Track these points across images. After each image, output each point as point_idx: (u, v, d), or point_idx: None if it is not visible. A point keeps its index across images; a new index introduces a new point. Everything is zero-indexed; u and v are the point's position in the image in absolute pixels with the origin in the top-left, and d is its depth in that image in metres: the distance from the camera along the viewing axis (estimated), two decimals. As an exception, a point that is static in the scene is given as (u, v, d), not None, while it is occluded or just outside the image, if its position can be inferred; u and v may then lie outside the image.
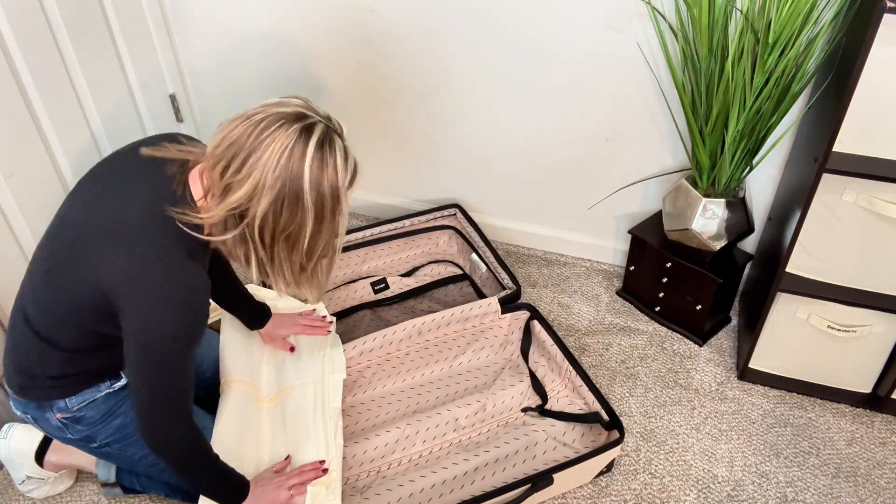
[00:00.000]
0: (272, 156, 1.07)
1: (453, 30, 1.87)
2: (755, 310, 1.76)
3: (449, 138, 2.09)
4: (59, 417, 1.30)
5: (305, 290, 1.22)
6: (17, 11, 1.60)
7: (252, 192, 1.08)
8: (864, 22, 1.31)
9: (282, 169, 1.07)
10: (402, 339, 1.76)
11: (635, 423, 1.71)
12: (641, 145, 1.90)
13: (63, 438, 1.35)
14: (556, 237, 2.18)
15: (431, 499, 1.51)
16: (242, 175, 1.08)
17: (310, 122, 1.10)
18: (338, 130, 1.14)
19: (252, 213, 1.10)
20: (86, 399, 1.30)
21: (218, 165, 1.10)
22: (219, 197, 1.11)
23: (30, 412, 1.31)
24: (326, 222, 1.14)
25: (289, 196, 1.09)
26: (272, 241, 1.14)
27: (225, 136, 1.10)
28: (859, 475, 1.60)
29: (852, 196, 1.48)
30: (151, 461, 1.38)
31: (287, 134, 1.08)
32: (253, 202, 1.09)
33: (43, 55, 1.70)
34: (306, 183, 1.09)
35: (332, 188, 1.11)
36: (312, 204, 1.10)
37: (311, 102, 1.15)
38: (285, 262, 1.17)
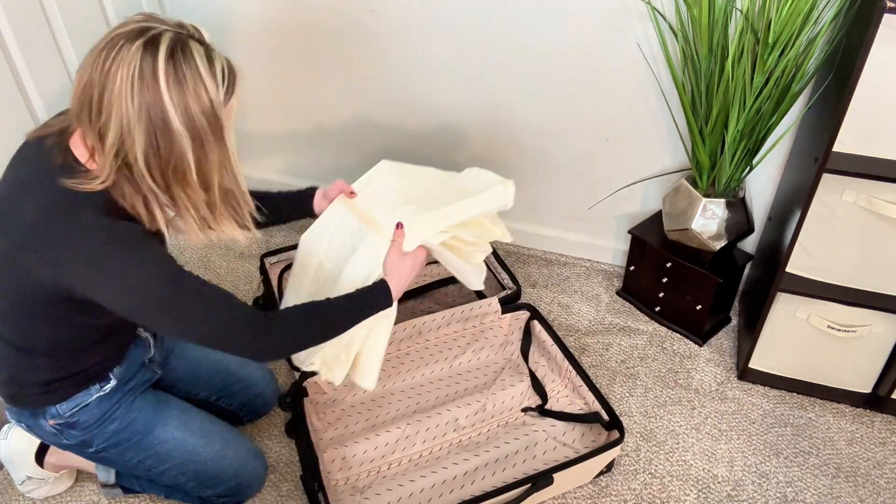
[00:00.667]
0: (122, 84, 0.94)
1: (453, 29, 1.87)
2: (755, 310, 1.76)
3: (449, 138, 2.09)
4: (53, 424, 1.29)
5: (224, 227, 1.10)
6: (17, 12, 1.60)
7: (120, 130, 0.96)
8: (864, 22, 1.31)
9: (138, 95, 0.94)
10: (402, 339, 1.76)
11: (635, 423, 1.71)
12: (641, 145, 1.90)
13: (60, 444, 1.34)
14: (556, 237, 2.18)
15: (431, 499, 1.51)
16: (105, 115, 0.96)
17: (153, 33, 0.97)
18: (193, 34, 1.01)
19: (132, 153, 0.98)
20: (78, 404, 1.28)
21: (82, 113, 0.99)
22: (99, 147, 0.99)
23: (24, 420, 1.30)
24: (210, 143, 1.01)
25: (157, 123, 0.96)
26: (164, 180, 1.01)
27: (80, 77, 0.98)
28: (859, 475, 1.60)
29: (852, 196, 1.48)
30: (149, 465, 1.38)
31: (130, 54, 0.95)
32: (127, 143, 0.97)
33: (43, 56, 1.70)
34: (168, 103, 0.95)
35: (200, 104, 0.98)
36: (184, 126, 0.97)
37: (157, 14, 1.01)
38: (187, 201, 1.05)
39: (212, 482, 1.42)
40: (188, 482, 1.41)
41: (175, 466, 1.38)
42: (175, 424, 1.38)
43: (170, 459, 1.37)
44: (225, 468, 1.42)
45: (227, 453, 1.42)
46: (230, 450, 1.43)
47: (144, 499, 1.53)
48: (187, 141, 0.99)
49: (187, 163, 1.00)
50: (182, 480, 1.40)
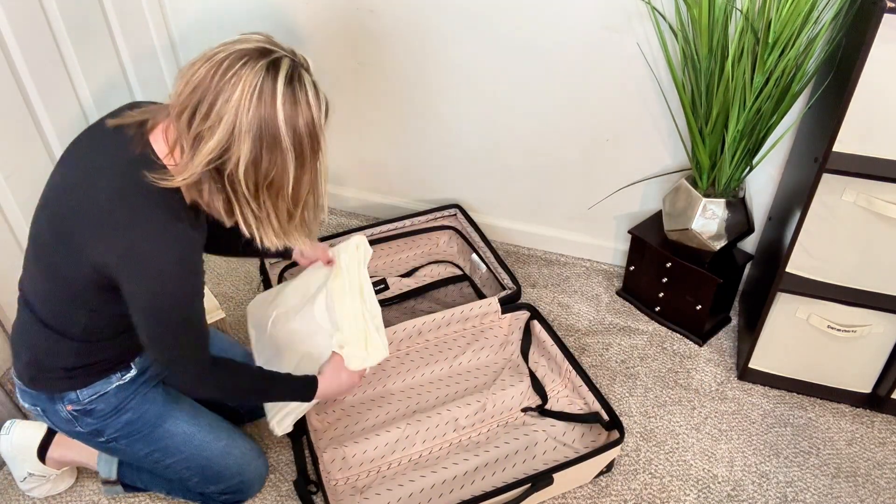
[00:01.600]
0: (242, 96, 1.01)
1: (453, 29, 1.87)
2: (755, 310, 1.76)
3: (449, 138, 2.09)
4: (70, 409, 1.30)
5: (295, 238, 1.17)
6: (18, 13, 1.60)
7: (227, 138, 1.02)
8: (864, 22, 1.31)
9: (254, 109, 1.01)
10: (402, 339, 1.76)
11: (635, 423, 1.71)
12: (641, 145, 1.90)
13: (72, 432, 1.35)
14: (556, 237, 2.18)
15: (431, 499, 1.51)
16: (212, 121, 1.02)
17: (275, 57, 1.04)
18: (304, 65, 1.09)
19: (232, 161, 1.04)
20: (97, 391, 1.30)
21: (184, 114, 1.04)
22: (190, 150, 1.05)
23: (40, 404, 1.31)
24: (308, 162, 1.09)
25: (266, 139, 1.03)
26: (256, 189, 1.07)
27: (188, 81, 1.03)
28: (859, 475, 1.60)
29: (852, 196, 1.48)
30: (156, 458, 1.39)
31: (254, 72, 1.01)
32: (231, 150, 1.03)
33: (42, 54, 1.70)
34: (281, 122, 1.03)
35: (308, 125, 1.06)
36: (291, 144, 1.05)
37: (273, 38, 1.08)
38: (272, 211, 1.11)
39: (215, 478, 1.43)
40: (193, 476, 1.42)
41: (182, 460, 1.39)
42: (184, 419, 1.39)
43: (177, 453, 1.38)
44: (229, 465, 1.43)
45: (232, 450, 1.44)
46: (235, 447, 1.45)
47: (145, 497, 1.53)
48: (291, 157, 1.06)
49: (287, 177, 1.07)
50: (187, 475, 1.41)
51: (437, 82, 1.98)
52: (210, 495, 1.46)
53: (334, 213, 2.34)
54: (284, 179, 1.07)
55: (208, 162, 1.04)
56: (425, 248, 2.16)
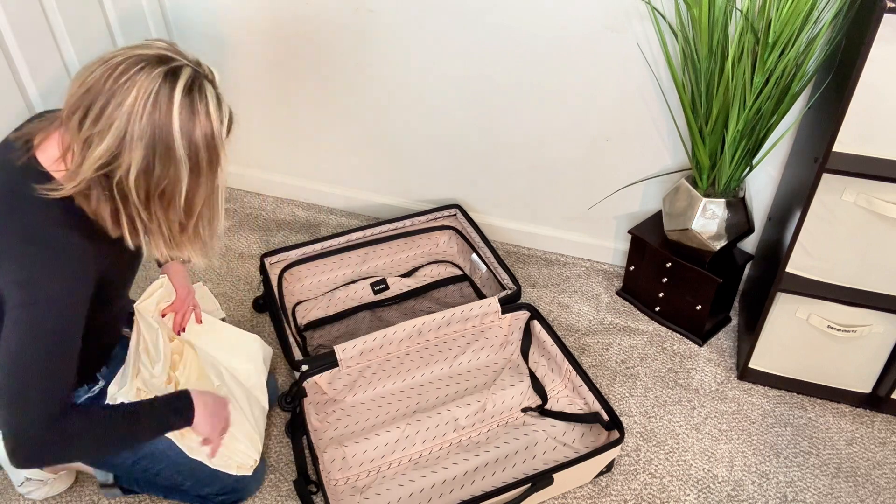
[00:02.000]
0: (136, 102, 0.97)
1: (452, 30, 1.87)
2: (755, 310, 1.76)
3: (449, 138, 2.09)
4: None
5: (187, 250, 1.13)
6: (17, 12, 1.60)
7: (118, 144, 0.98)
8: (864, 22, 1.31)
9: (148, 116, 0.98)
10: (402, 339, 1.76)
11: (635, 423, 1.71)
12: (641, 145, 1.90)
13: None
14: (556, 237, 2.18)
15: (431, 499, 1.51)
16: (102, 125, 0.98)
17: (175, 65, 1.01)
18: (208, 76, 1.05)
19: (123, 168, 1.00)
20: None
21: (74, 116, 1.00)
22: (80, 153, 1.00)
23: None
24: (204, 176, 1.05)
25: (159, 147, 0.99)
26: (146, 199, 1.04)
27: (82, 83, 1.00)
28: (859, 475, 1.60)
29: (852, 196, 1.48)
30: (144, 466, 1.37)
31: (150, 78, 0.98)
32: (121, 157, 0.99)
33: (42, 54, 1.70)
34: (176, 132, 0.99)
35: (206, 138, 1.02)
36: (186, 156, 1.01)
37: (177, 46, 1.05)
38: (163, 221, 1.07)
39: (209, 480, 1.41)
40: (185, 481, 1.40)
41: (170, 466, 1.37)
42: None
43: (164, 459, 1.36)
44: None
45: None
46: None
47: (144, 499, 1.53)
48: (185, 168, 1.02)
49: (179, 189, 1.04)
50: (179, 480, 1.40)
51: (438, 82, 1.98)
52: (208, 497, 1.46)
53: (334, 213, 2.34)
54: (177, 190, 1.04)
55: (97, 168, 1.00)
56: (425, 248, 2.16)
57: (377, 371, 1.74)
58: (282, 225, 2.27)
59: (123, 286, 1.30)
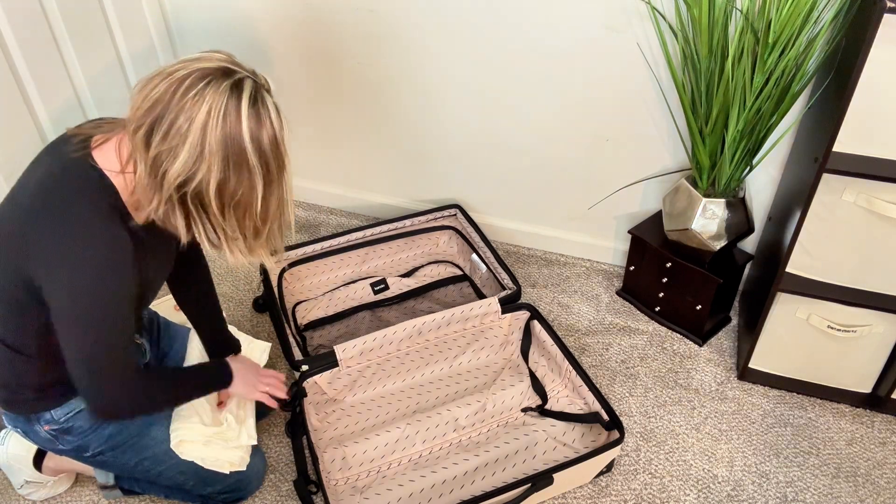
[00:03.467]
0: (209, 117, 1.00)
1: (452, 29, 1.87)
2: (755, 310, 1.76)
3: (449, 138, 2.09)
4: (48, 429, 1.29)
5: (260, 254, 1.16)
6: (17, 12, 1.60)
7: (195, 159, 1.01)
8: (864, 22, 1.31)
9: (220, 130, 1.00)
10: (402, 339, 1.76)
11: (635, 423, 1.71)
12: (641, 145, 1.90)
13: (55, 450, 1.34)
14: (556, 237, 2.18)
15: (431, 499, 1.51)
16: (173, 140, 1.00)
17: (238, 77, 1.03)
18: (266, 86, 1.08)
19: (199, 182, 1.03)
20: (72, 409, 1.28)
21: (140, 130, 1.02)
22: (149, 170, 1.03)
23: (19, 426, 1.30)
24: (275, 181, 1.09)
25: (233, 158, 1.02)
26: (223, 209, 1.07)
27: (146, 97, 1.01)
28: (859, 475, 1.60)
29: (852, 196, 1.48)
30: (147, 467, 1.37)
31: (218, 92, 1.00)
32: (198, 172, 1.02)
33: (42, 54, 1.70)
34: (247, 142, 1.02)
35: (272, 143, 1.06)
36: (258, 163, 1.04)
37: (234, 57, 1.07)
38: (238, 229, 1.10)
39: (211, 479, 1.42)
40: (188, 481, 1.41)
41: (172, 466, 1.38)
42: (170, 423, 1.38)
43: (167, 459, 1.37)
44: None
45: None
46: None
47: (144, 500, 1.53)
48: (259, 176, 1.05)
49: (255, 196, 1.07)
50: (181, 479, 1.40)
51: (438, 82, 1.98)
52: (210, 496, 1.46)
53: (334, 213, 2.34)
54: (252, 198, 1.07)
55: (178, 185, 1.03)
56: (425, 248, 2.16)
57: (377, 371, 1.74)
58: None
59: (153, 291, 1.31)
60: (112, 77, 1.94)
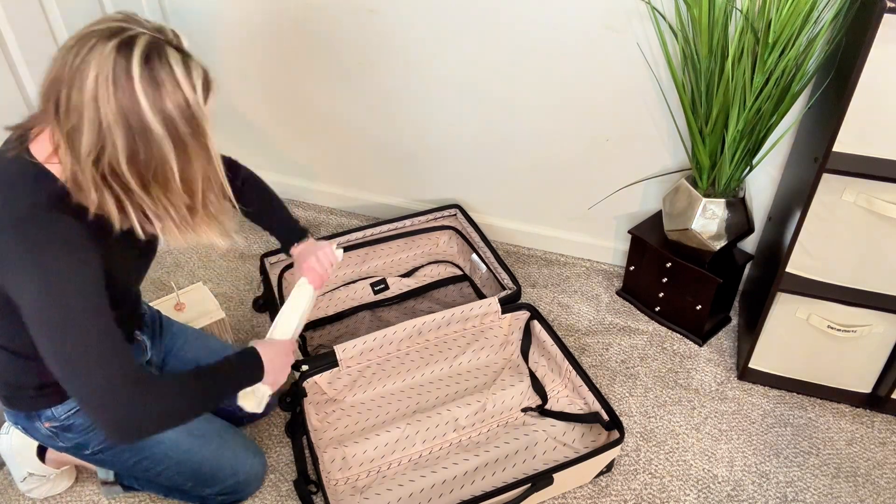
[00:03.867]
0: (97, 85, 0.91)
1: (452, 30, 1.87)
2: (755, 310, 1.76)
3: (449, 138, 2.09)
4: (48, 427, 1.29)
5: (204, 232, 1.08)
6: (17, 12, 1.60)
7: (97, 133, 0.93)
8: (864, 22, 1.31)
9: (112, 98, 0.91)
10: (402, 339, 1.76)
11: (635, 423, 1.71)
12: (641, 145, 1.90)
13: (55, 447, 1.34)
14: (556, 237, 2.18)
15: (431, 499, 1.51)
16: (74, 116, 0.92)
17: (128, 35, 0.93)
18: (171, 41, 0.97)
19: (112, 157, 0.94)
20: (73, 407, 1.28)
21: (49, 108, 0.95)
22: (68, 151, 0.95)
23: (20, 423, 1.30)
24: (192, 149, 0.98)
25: (135, 128, 0.93)
26: (144, 184, 0.98)
27: (47, 73, 0.94)
28: (859, 475, 1.60)
29: (852, 196, 1.48)
30: (146, 466, 1.37)
31: (103, 56, 0.91)
32: (108, 148, 0.94)
33: (42, 54, 1.70)
34: (146, 109, 0.92)
35: (179, 108, 0.95)
36: (165, 132, 0.95)
37: (136, 15, 0.97)
38: (168, 205, 1.01)
39: (210, 481, 1.42)
40: (187, 482, 1.41)
41: (172, 467, 1.38)
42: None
43: (166, 460, 1.37)
44: (223, 466, 1.42)
45: (224, 452, 1.42)
46: (227, 448, 1.43)
47: (144, 497, 1.53)
48: (169, 145, 0.96)
49: (170, 167, 0.98)
50: (180, 480, 1.40)
51: (438, 82, 1.98)
52: (208, 497, 1.46)
53: (334, 213, 2.34)
54: (167, 170, 0.98)
55: (93, 163, 0.95)
56: (425, 248, 2.16)
57: (377, 371, 1.74)
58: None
59: (131, 284, 1.29)
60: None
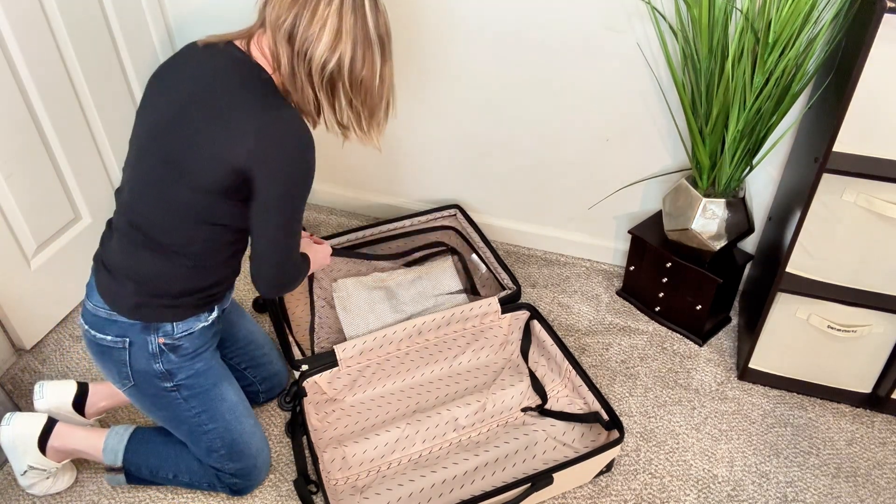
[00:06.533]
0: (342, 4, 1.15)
1: (453, 29, 1.87)
2: (755, 310, 1.76)
3: (449, 138, 2.09)
4: (162, 342, 1.34)
5: (374, 134, 1.31)
6: (17, 12, 1.60)
7: (333, 40, 1.16)
8: (864, 22, 1.31)
9: (352, 14, 1.16)
10: (402, 338, 1.76)
11: (635, 423, 1.71)
12: (641, 145, 1.90)
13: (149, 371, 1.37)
14: (556, 237, 2.18)
15: (431, 499, 1.51)
16: (316, 26, 1.15)
17: None
18: None
19: (338, 62, 1.18)
20: (189, 328, 1.36)
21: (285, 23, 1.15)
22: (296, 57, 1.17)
23: (130, 335, 1.33)
24: (388, 61, 1.24)
25: (361, 39, 1.18)
26: (352, 88, 1.22)
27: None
28: (859, 475, 1.60)
29: (852, 196, 1.48)
30: (202, 420, 1.42)
31: None
32: (336, 51, 1.17)
33: (43, 54, 1.70)
34: (371, 25, 1.18)
35: (385, 25, 1.22)
36: (378, 45, 1.20)
37: None
38: (359, 105, 1.25)
39: (238, 455, 1.46)
40: (221, 448, 1.45)
41: (220, 427, 1.43)
42: (233, 389, 1.47)
43: (220, 419, 1.43)
44: (252, 444, 1.48)
45: (256, 431, 1.50)
46: (258, 429, 1.51)
47: (144, 495, 1.53)
48: (378, 55, 1.22)
49: (375, 74, 1.23)
50: (217, 445, 1.45)
51: (437, 82, 1.98)
52: (222, 473, 1.48)
53: (334, 213, 2.34)
54: (373, 76, 1.22)
55: (321, 67, 1.17)
56: (425, 248, 2.16)
57: (377, 371, 1.74)
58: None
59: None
60: (110, 73, 1.94)
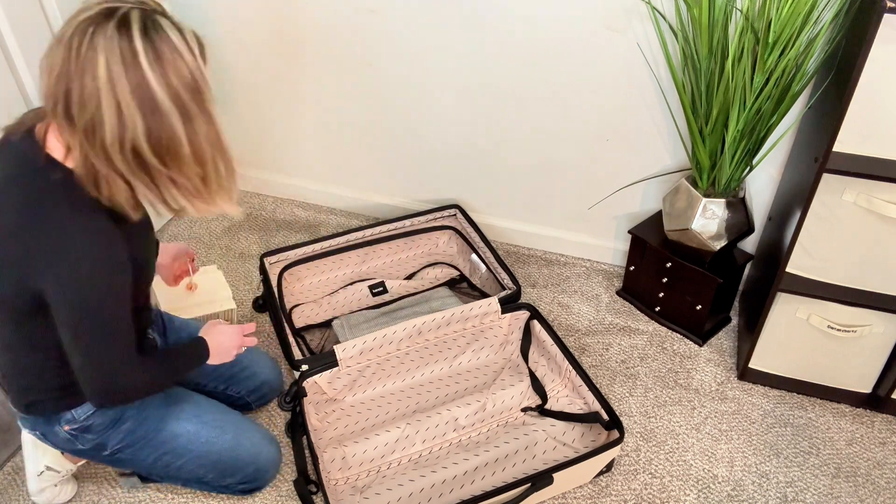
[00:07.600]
0: (109, 69, 0.93)
1: (453, 30, 1.87)
2: (755, 310, 1.76)
3: (449, 138, 2.09)
4: (68, 430, 1.29)
5: (220, 202, 1.10)
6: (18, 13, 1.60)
7: (117, 117, 0.95)
8: (864, 22, 1.31)
9: (124, 78, 0.93)
10: (402, 339, 1.76)
11: (635, 423, 1.71)
12: (641, 145, 1.90)
13: (74, 450, 1.34)
14: (556, 237, 2.18)
15: (431, 499, 1.51)
16: (91, 106, 0.94)
17: (121, 13, 0.94)
18: (156, 8, 0.99)
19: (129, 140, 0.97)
20: (92, 408, 1.29)
21: (58, 108, 0.97)
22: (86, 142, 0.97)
23: (38, 428, 1.31)
24: (198, 117, 1.00)
25: (147, 105, 0.95)
26: (163, 161, 1.01)
27: (49, 72, 0.96)
28: (859, 475, 1.60)
29: (852, 196, 1.48)
30: (167, 461, 1.38)
31: (107, 38, 0.93)
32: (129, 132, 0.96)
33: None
34: (154, 84, 0.95)
35: (182, 78, 0.97)
36: (173, 104, 0.97)
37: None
38: (182, 178, 1.04)
39: (230, 471, 1.44)
40: (207, 473, 1.42)
41: (192, 460, 1.39)
42: (187, 417, 1.39)
43: (186, 453, 1.38)
44: (241, 456, 1.44)
45: (241, 441, 1.44)
46: (244, 437, 1.45)
47: (157, 493, 1.53)
48: (176, 117, 0.98)
49: (180, 140, 1.00)
50: (202, 472, 1.42)
51: (438, 82, 1.98)
52: (229, 486, 1.48)
53: (334, 213, 2.34)
54: (179, 143, 1.00)
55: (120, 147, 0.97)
56: (425, 248, 2.16)
57: (377, 371, 1.74)
58: (282, 225, 2.27)
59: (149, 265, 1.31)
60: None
